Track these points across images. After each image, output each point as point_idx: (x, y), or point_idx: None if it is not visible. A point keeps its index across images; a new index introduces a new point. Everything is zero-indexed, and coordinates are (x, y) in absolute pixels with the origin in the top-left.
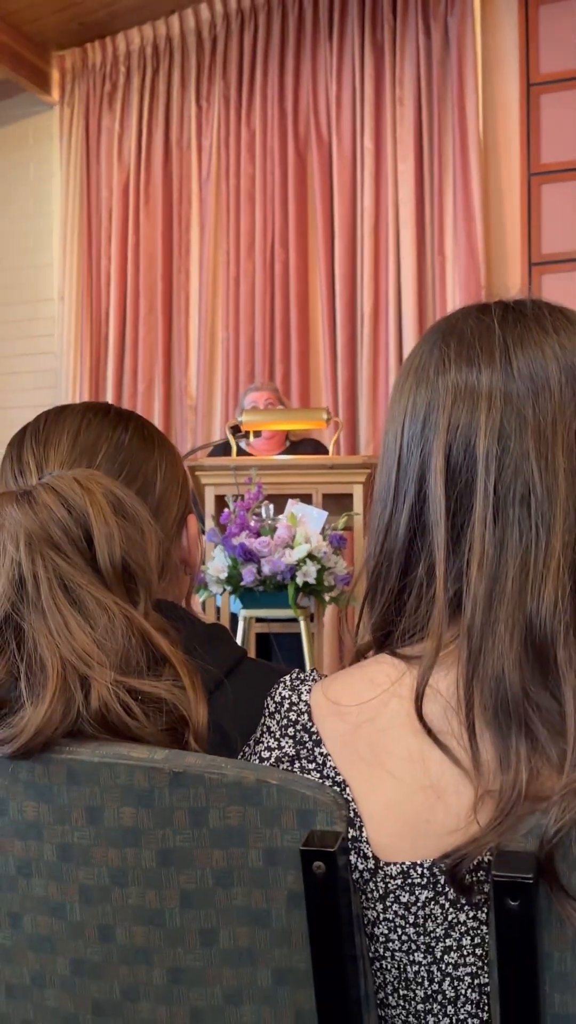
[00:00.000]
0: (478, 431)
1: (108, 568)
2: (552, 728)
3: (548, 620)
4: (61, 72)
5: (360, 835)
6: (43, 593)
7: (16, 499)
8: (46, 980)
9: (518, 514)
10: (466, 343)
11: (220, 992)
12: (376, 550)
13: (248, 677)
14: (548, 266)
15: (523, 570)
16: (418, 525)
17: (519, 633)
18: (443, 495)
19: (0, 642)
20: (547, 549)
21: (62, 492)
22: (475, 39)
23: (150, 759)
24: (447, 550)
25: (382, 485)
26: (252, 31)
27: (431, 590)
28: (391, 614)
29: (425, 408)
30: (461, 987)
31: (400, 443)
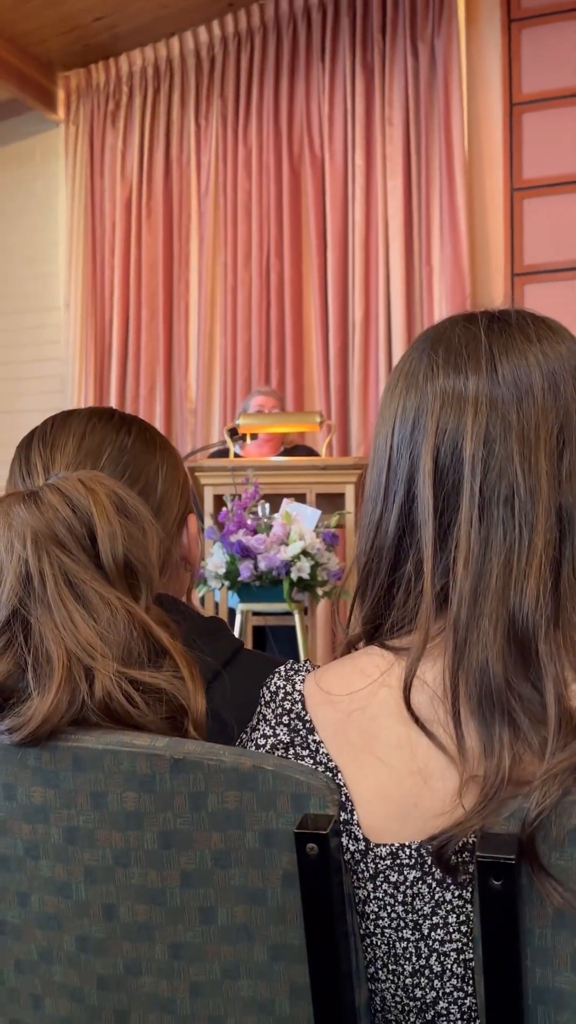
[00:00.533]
0: (465, 434)
1: (111, 565)
2: (533, 717)
3: (530, 615)
4: (66, 92)
5: (351, 818)
6: (49, 589)
7: (23, 499)
8: (53, 956)
9: (502, 514)
10: (454, 351)
11: (218, 967)
12: (367, 547)
13: (245, 668)
14: (530, 276)
15: (507, 567)
16: (407, 523)
17: (502, 627)
18: (431, 495)
19: (8, 635)
20: (530, 547)
21: (67, 493)
22: (460, 61)
23: (152, 746)
24: (434, 547)
25: (372, 485)
26: (248, 53)
27: (419, 585)
28: (380, 607)
29: (414, 412)
30: (447, 962)
31: (390, 445)
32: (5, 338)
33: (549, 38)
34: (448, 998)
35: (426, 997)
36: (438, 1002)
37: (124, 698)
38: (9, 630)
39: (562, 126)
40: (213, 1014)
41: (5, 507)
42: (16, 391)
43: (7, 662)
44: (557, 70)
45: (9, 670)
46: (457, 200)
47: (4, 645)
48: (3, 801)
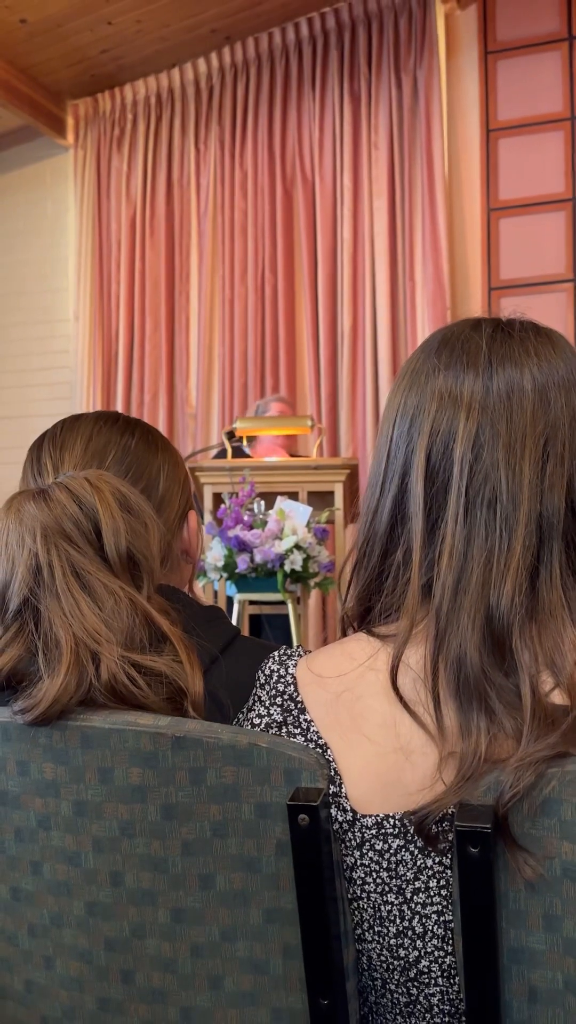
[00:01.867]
0: (456, 437)
1: (115, 557)
2: (508, 704)
3: (506, 613)
4: (75, 119)
5: (340, 791)
6: (57, 579)
7: (33, 497)
8: (64, 920)
9: (485, 516)
10: (455, 355)
11: (217, 930)
12: (364, 530)
13: (242, 653)
14: (505, 290)
15: (487, 567)
16: (399, 514)
17: (480, 621)
18: (422, 491)
19: (20, 622)
20: (509, 550)
21: (74, 490)
22: (441, 90)
23: (155, 725)
24: (423, 539)
25: (373, 472)
26: (244, 83)
27: (407, 574)
28: (372, 590)
29: (413, 410)
30: (428, 924)
31: (390, 437)
32: (18, 348)
33: (523, 69)
34: (429, 957)
35: (409, 956)
36: (420, 961)
37: (128, 680)
38: (21, 617)
39: (535, 151)
40: (212, 973)
41: (17, 504)
42: (27, 397)
43: (19, 647)
44: (530, 99)
45: (20, 654)
46: (438, 219)
47: (16, 631)
48: (17, 777)
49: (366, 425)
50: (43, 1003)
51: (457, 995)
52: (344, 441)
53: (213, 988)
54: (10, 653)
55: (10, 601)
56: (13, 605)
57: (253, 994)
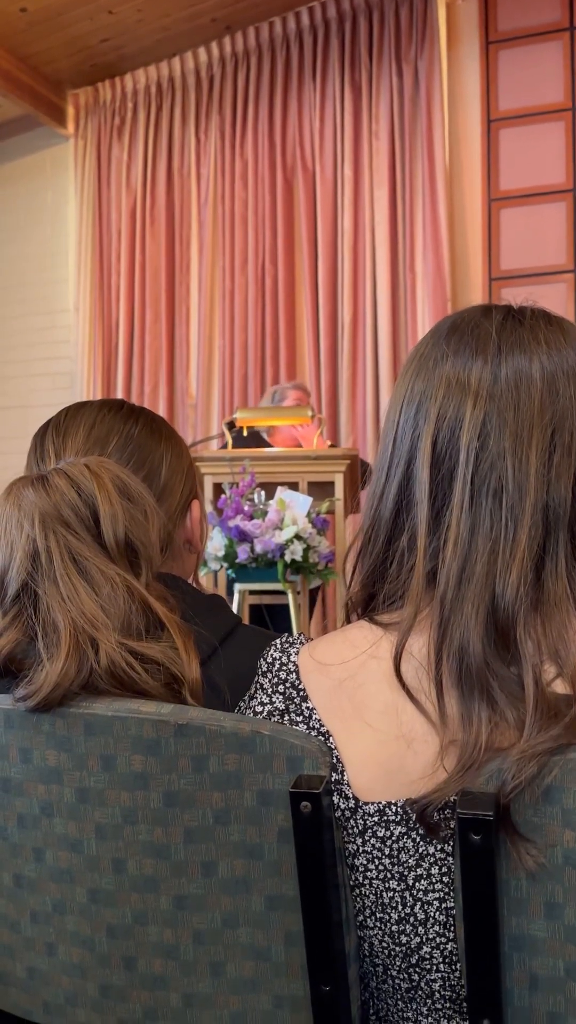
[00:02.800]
0: (463, 424)
1: (112, 544)
2: (510, 694)
3: (511, 604)
4: (75, 108)
5: (342, 778)
6: (55, 564)
7: (32, 483)
8: (66, 907)
9: (490, 505)
10: (464, 341)
11: (219, 916)
12: (369, 514)
13: (243, 641)
14: (506, 281)
15: (491, 556)
16: (404, 500)
17: (484, 611)
18: (428, 478)
19: (18, 607)
20: (514, 541)
21: (73, 477)
22: (441, 80)
23: (157, 713)
24: (428, 527)
25: (380, 457)
26: (245, 72)
27: (411, 560)
28: (376, 576)
29: (420, 396)
30: (430, 910)
31: (397, 423)
32: (19, 339)
33: (524, 59)
34: (431, 944)
35: (411, 943)
36: (422, 947)
37: (126, 666)
38: (19, 602)
39: (536, 141)
40: (214, 960)
41: (16, 490)
42: (29, 388)
43: (18, 631)
44: (531, 89)
45: (19, 638)
46: (439, 209)
47: (15, 615)
48: (20, 764)
49: (366, 415)
50: (45, 989)
51: (458, 981)
52: (344, 431)
53: (215, 975)
54: (8, 636)
55: (8, 586)
56: (11, 590)
57: (255, 981)
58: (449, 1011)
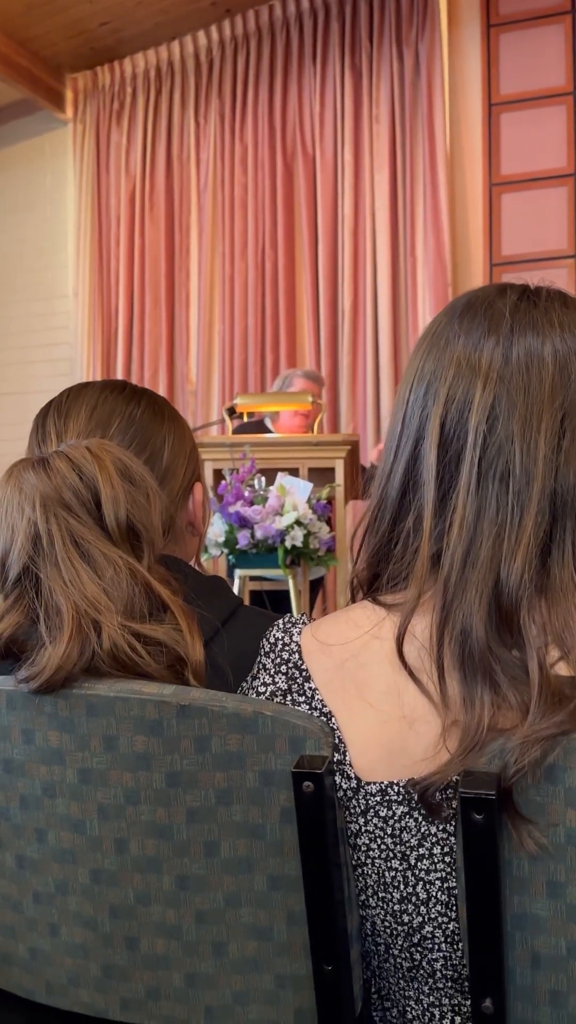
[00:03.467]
0: (472, 406)
1: (114, 527)
2: (512, 678)
3: (515, 590)
4: (74, 92)
5: (344, 759)
6: (57, 548)
7: (33, 465)
8: (69, 888)
9: (496, 490)
10: (477, 321)
11: (221, 896)
12: (377, 493)
13: (245, 622)
14: (507, 266)
15: (497, 541)
16: (411, 480)
17: (487, 595)
18: (435, 459)
19: (19, 590)
20: (520, 526)
21: (75, 459)
22: (442, 63)
23: (159, 694)
24: (434, 508)
25: (390, 434)
26: (245, 56)
27: (416, 541)
28: (381, 555)
29: (430, 375)
30: (432, 890)
31: (407, 400)
32: (17, 324)
33: (525, 43)
34: (433, 923)
35: (413, 922)
36: (424, 927)
37: (129, 648)
38: (21, 585)
39: (537, 125)
40: (216, 939)
41: (17, 472)
42: (28, 374)
43: (19, 614)
44: (533, 73)
45: (20, 621)
46: (439, 194)
47: (16, 599)
48: (22, 745)
49: (366, 401)
50: (48, 970)
51: (460, 960)
52: (344, 417)
53: (217, 954)
54: (10, 619)
55: (10, 569)
56: (13, 573)
57: (257, 960)
58: (451, 990)
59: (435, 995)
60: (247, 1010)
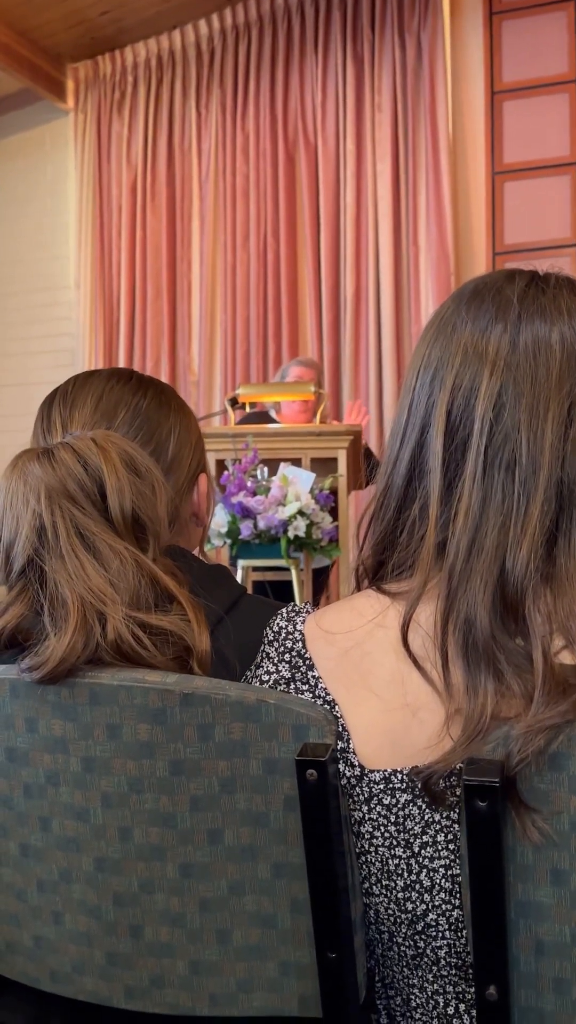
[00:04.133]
0: (478, 394)
1: (119, 518)
2: (516, 666)
3: (520, 579)
4: (75, 82)
5: (347, 747)
6: (61, 540)
7: (38, 456)
8: (72, 876)
9: (502, 478)
10: (484, 307)
11: (225, 884)
12: (383, 480)
13: (248, 611)
14: (510, 255)
15: (503, 529)
16: (416, 468)
17: (492, 584)
18: (441, 447)
19: (24, 582)
20: (526, 515)
21: (80, 451)
22: (445, 52)
23: (162, 682)
24: (439, 496)
25: (396, 421)
26: (246, 45)
27: (422, 529)
28: (386, 544)
29: (437, 362)
30: (436, 877)
31: (413, 388)
32: (19, 316)
33: (528, 30)
34: (437, 910)
35: (416, 910)
36: (428, 914)
37: (134, 640)
38: (25, 577)
39: (540, 113)
40: (220, 927)
41: (22, 463)
42: (29, 365)
43: (23, 605)
44: (536, 60)
45: (24, 612)
46: (442, 183)
47: (20, 590)
48: (26, 734)
49: (369, 390)
50: (52, 958)
51: (464, 948)
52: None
53: (221, 942)
54: (14, 611)
55: (14, 560)
56: (17, 565)
57: (261, 948)
58: (455, 978)
59: (439, 983)
60: (251, 997)
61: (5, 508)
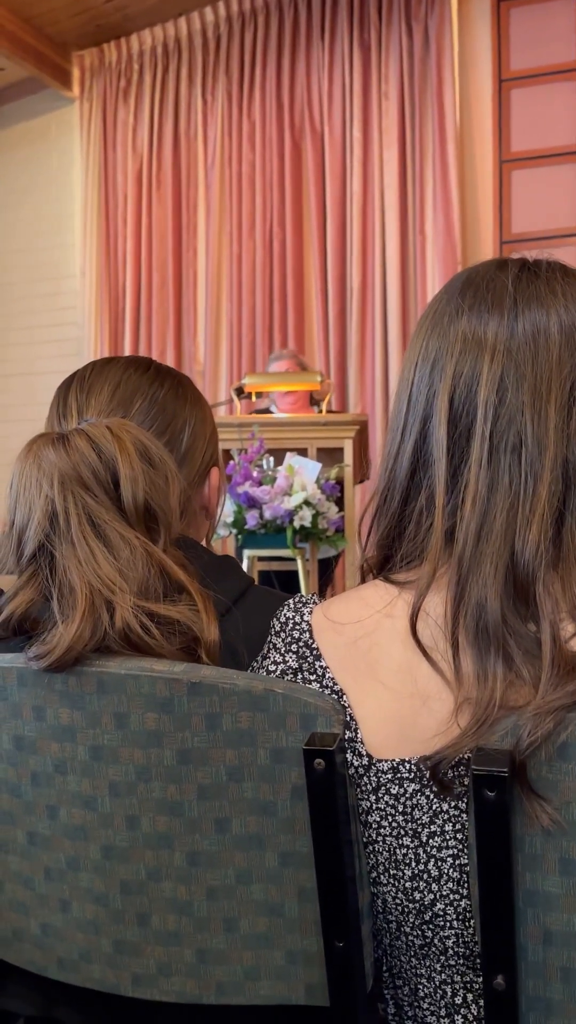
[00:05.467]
0: (480, 380)
1: (131, 507)
2: (526, 651)
3: (530, 561)
4: (81, 70)
5: (355, 736)
6: (73, 527)
7: (53, 442)
8: (80, 864)
9: (509, 461)
10: (480, 296)
11: (233, 873)
12: (384, 476)
13: (256, 602)
14: (517, 244)
15: (511, 512)
16: (421, 459)
17: (502, 568)
18: (445, 435)
19: (34, 567)
20: (534, 496)
21: (95, 438)
22: (452, 39)
23: (170, 671)
24: (446, 484)
25: (394, 416)
26: (252, 32)
27: (430, 519)
28: (392, 537)
29: (435, 353)
30: (444, 867)
31: (412, 381)
32: (24, 305)
33: (536, 18)
34: (444, 900)
35: (424, 899)
36: (435, 904)
37: (142, 630)
38: (36, 562)
39: (548, 101)
40: (228, 916)
41: (36, 448)
42: (34, 354)
43: (33, 590)
44: (543, 48)
45: (34, 598)
46: (449, 171)
47: (31, 575)
48: (33, 722)
49: (375, 381)
50: (59, 946)
51: (472, 938)
52: (353, 397)
53: (228, 930)
54: (23, 596)
55: (26, 545)
56: (28, 549)
57: (268, 936)
58: (462, 967)
59: (447, 972)
60: (258, 986)
61: (19, 492)
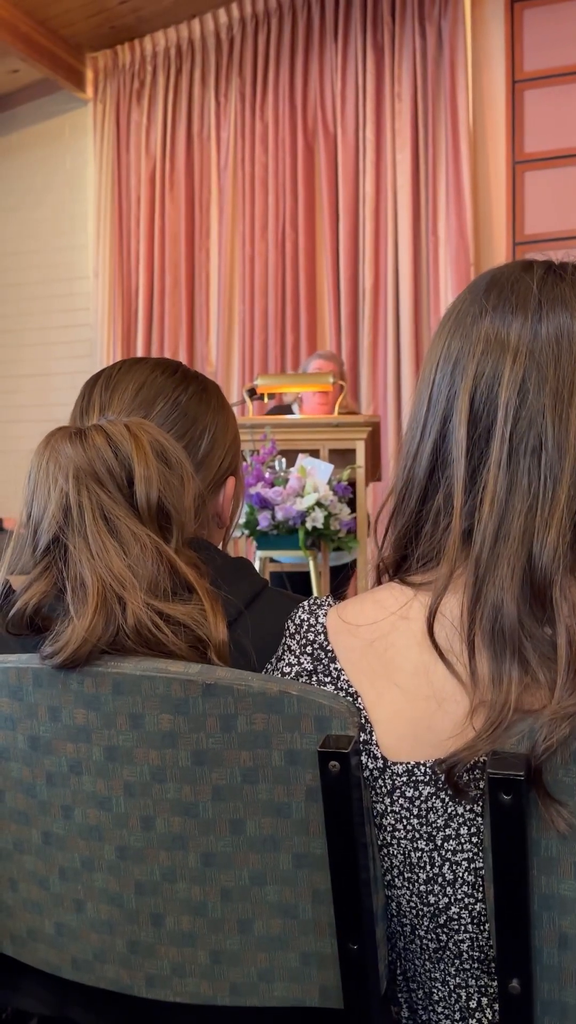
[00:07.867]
0: (501, 381)
1: (144, 506)
2: (542, 655)
3: (548, 564)
4: (94, 72)
5: (370, 738)
6: (87, 520)
7: (71, 437)
8: (95, 864)
9: (528, 463)
10: (504, 297)
11: (247, 874)
12: (403, 475)
13: (270, 604)
14: (530, 245)
15: (529, 515)
16: (439, 459)
17: (520, 571)
18: (465, 436)
19: (48, 560)
20: (553, 499)
21: (112, 435)
22: (466, 40)
23: (185, 673)
24: (464, 485)
25: (414, 415)
26: (265, 34)
27: (447, 519)
28: (409, 537)
29: (457, 353)
30: (459, 871)
31: (433, 381)
32: (37, 306)
33: (549, 19)
34: (459, 904)
35: (439, 903)
36: (450, 907)
37: (152, 626)
38: (49, 555)
39: (561, 102)
40: (242, 917)
41: (54, 442)
42: (48, 356)
43: (46, 583)
44: (557, 49)
45: (47, 591)
46: (462, 172)
47: (45, 567)
48: (49, 723)
49: (387, 383)
50: (74, 946)
51: (487, 941)
52: (365, 398)
53: (243, 932)
54: (37, 588)
55: (40, 537)
56: (43, 542)
57: (282, 938)
58: (477, 971)
59: (461, 976)
60: (272, 987)
61: (36, 484)
